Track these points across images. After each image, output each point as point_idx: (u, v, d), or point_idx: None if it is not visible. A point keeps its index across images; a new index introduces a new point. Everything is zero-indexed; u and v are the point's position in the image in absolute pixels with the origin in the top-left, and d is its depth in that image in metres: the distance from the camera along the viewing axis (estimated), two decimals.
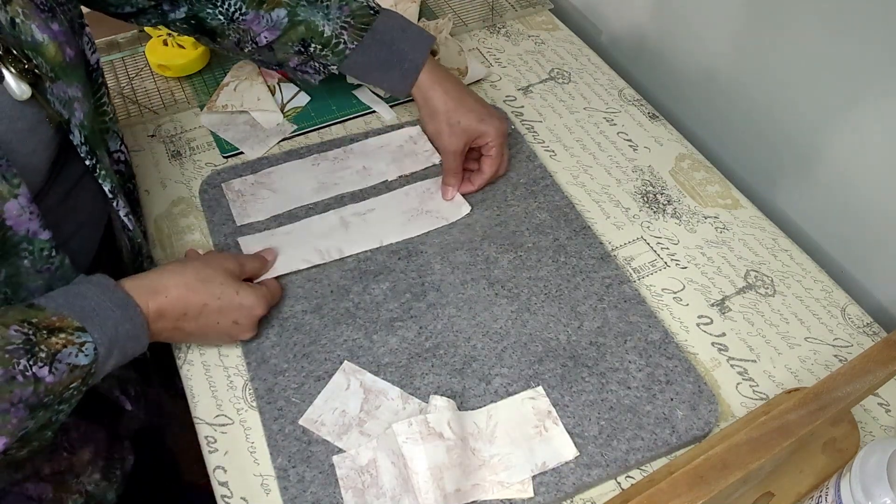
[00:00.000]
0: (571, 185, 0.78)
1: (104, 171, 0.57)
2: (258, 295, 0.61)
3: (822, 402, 0.48)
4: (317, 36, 0.70)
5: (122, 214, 0.60)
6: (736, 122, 0.83)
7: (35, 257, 0.52)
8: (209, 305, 0.57)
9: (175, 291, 0.55)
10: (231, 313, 0.59)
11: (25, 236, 0.50)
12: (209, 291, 0.57)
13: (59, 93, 0.52)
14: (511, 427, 0.58)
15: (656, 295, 0.69)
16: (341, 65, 0.73)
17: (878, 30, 0.62)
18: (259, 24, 0.70)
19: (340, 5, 0.71)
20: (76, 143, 0.54)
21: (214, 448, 0.58)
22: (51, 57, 0.51)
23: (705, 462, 0.45)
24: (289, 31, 0.70)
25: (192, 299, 0.56)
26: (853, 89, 0.67)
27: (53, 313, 0.49)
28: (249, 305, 0.60)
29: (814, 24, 0.68)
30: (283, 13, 0.70)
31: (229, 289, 0.58)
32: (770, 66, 0.75)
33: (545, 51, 0.95)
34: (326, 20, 0.70)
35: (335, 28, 0.70)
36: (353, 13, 0.71)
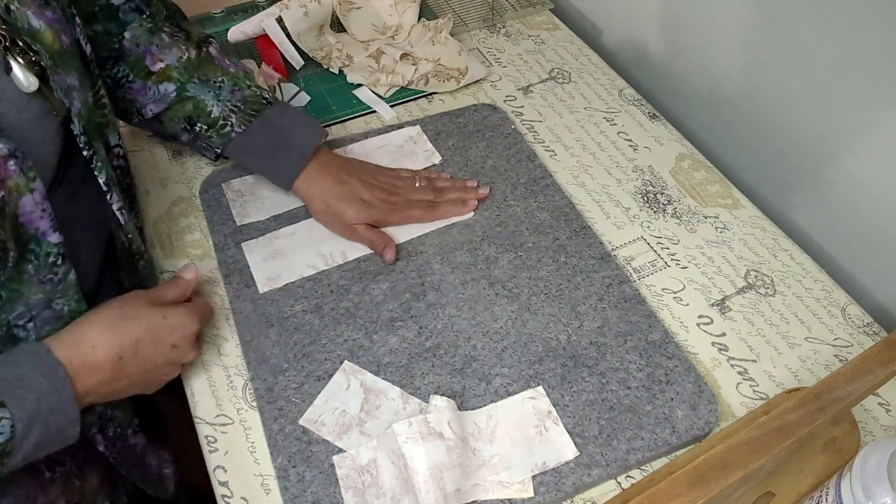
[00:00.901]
0: (571, 185, 0.78)
1: (100, 163, 0.56)
2: (187, 312, 0.58)
3: (823, 402, 0.48)
4: (203, 115, 0.69)
5: (114, 208, 0.59)
6: (736, 121, 0.82)
7: (40, 263, 0.50)
8: (142, 339, 0.54)
9: (101, 339, 0.52)
10: (165, 337, 0.56)
11: (35, 235, 0.49)
12: (136, 325, 0.54)
13: (60, 81, 0.51)
14: (511, 427, 0.58)
15: (656, 295, 0.69)
16: (225, 148, 0.71)
17: (869, 25, 0.62)
18: (145, 95, 0.68)
19: (233, 89, 0.69)
20: (76, 133, 0.53)
21: (214, 448, 0.58)
22: (49, 44, 0.50)
23: (705, 462, 0.45)
24: (175, 107, 0.69)
25: (122, 340, 0.53)
26: (853, 89, 0.67)
27: None
28: (181, 324, 0.57)
29: (812, 22, 0.68)
30: (171, 87, 0.68)
31: (156, 315, 0.56)
32: (771, 65, 0.75)
33: (545, 51, 0.95)
34: (216, 101, 0.69)
35: (223, 110, 0.69)
36: (245, 99, 0.69)
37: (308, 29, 0.91)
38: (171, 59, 0.68)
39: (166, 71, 0.68)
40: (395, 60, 0.89)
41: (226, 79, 0.70)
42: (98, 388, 0.52)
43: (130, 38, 0.67)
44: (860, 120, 0.67)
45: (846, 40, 0.66)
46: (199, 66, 0.69)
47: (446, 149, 0.81)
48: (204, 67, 0.69)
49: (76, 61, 0.54)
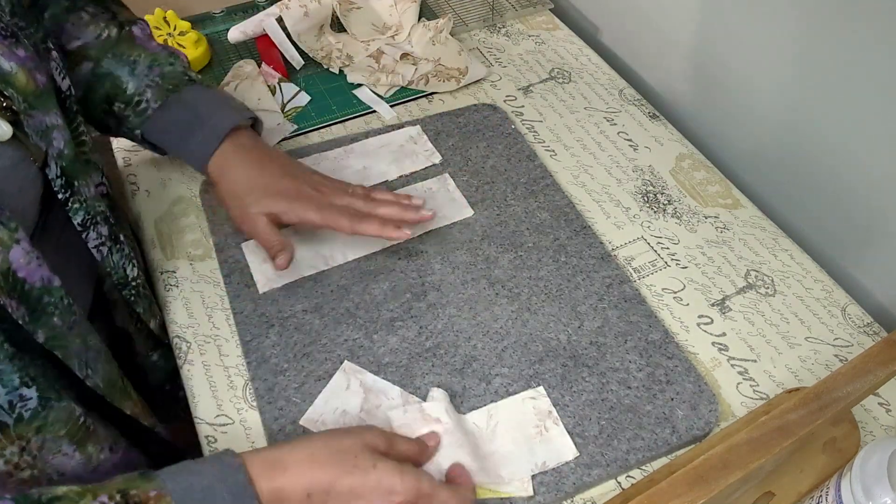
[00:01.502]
0: (572, 185, 0.78)
1: (77, 204, 0.53)
2: (404, 473, 0.47)
3: (823, 402, 0.48)
4: (120, 93, 0.64)
5: (91, 246, 0.55)
6: (736, 121, 0.82)
7: (61, 311, 0.47)
8: (338, 482, 0.46)
9: (297, 467, 0.46)
10: (365, 494, 0.46)
11: (43, 287, 0.46)
12: (339, 466, 0.46)
13: (35, 124, 0.48)
14: (511, 426, 0.58)
15: (656, 295, 0.69)
16: (143, 128, 0.65)
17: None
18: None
19: (151, 65, 0.65)
20: (51, 178, 0.50)
21: (215, 448, 0.58)
22: (22, 86, 0.47)
23: (705, 462, 0.45)
24: (94, 86, 0.64)
25: (316, 476, 0.46)
26: (850, 86, 0.67)
27: (156, 487, 0.42)
28: (389, 486, 0.47)
29: (808, 20, 0.68)
30: (88, 66, 0.64)
31: (365, 461, 0.47)
32: (770, 63, 0.75)
33: (545, 50, 0.95)
34: (131, 76, 0.64)
35: (139, 86, 0.64)
36: (164, 74, 0.65)
37: (308, 29, 0.91)
38: (88, 37, 0.64)
39: (82, 50, 0.63)
40: (395, 60, 0.89)
41: (143, 54, 0.65)
42: None
43: (49, 18, 0.63)
44: (860, 119, 0.67)
45: (832, 36, 0.66)
46: (118, 44, 0.65)
47: (446, 149, 0.81)
48: (122, 45, 0.65)
49: (54, 98, 0.52)
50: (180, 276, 0.70)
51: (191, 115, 0.64)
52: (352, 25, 0.93)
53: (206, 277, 0.69)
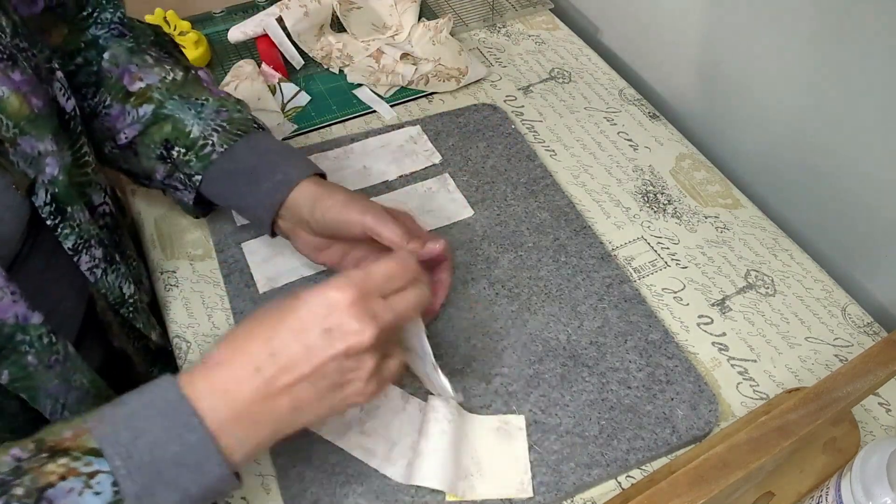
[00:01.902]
0: (572, 185, 0.78)
1: (67, 230, 0.50)
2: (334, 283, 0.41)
3: (823, 402, 0.48)
4: (182, 136, 0.60)
5: (84, 269, 0.53)
6: (736, 120, 0.82)
7: (38, 349, 0.44)
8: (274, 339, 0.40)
9: (225, 353, 0.40)
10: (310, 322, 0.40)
11: (17, 325, 0.43)
12: (264, 322, 0.41)
13: (24, 150, 0.46)
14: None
15: (656, 294, 0.69)
16: (205, 172, 0.61)
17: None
18: (122, 120, 0.61)
19: (218, 109, 0.62)
20: (38, 205, 0.48)
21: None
22: (14, 111, 0.45)
23: (706, 462, 0.45)
24: (151, 128, 0.61)
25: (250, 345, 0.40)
26: (852, 88, 0.67)
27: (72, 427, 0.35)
28: (324, 300, 0.40)
29: (810, 21, 0.68)
30: (149, 108, 0.61)
31: (284, 306, 0.41)
32: (769, 61, 0.75)
33: (545, 50, 0.95)
34: (197, 119, 0.61)
35: (205, 129, 0.60)
36: (232, 119, 0.61)
37: (308, 29, 0.91)
38: (152, 78, 0.61)
39: (146, 92, 0.61)
40: (395, 60, 0.89)
41: (211, 98, 0.63)
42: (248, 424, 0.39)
43: (109, 59, 0.61)
44: (860, 118, 0.67)
45: (832, 37, 0.66)
46: (184, 86, 0.62)
47: (446, 149, 0.81)
48: (188, 87, 0.62)
49: (52, 122, 0.49)
50: (180, 275, 0.70)
51: (258, 162, 0.59)
52: (352, 25, 0.93)
53: (206, 277, 0.69)
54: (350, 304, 0.40)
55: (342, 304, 0.40)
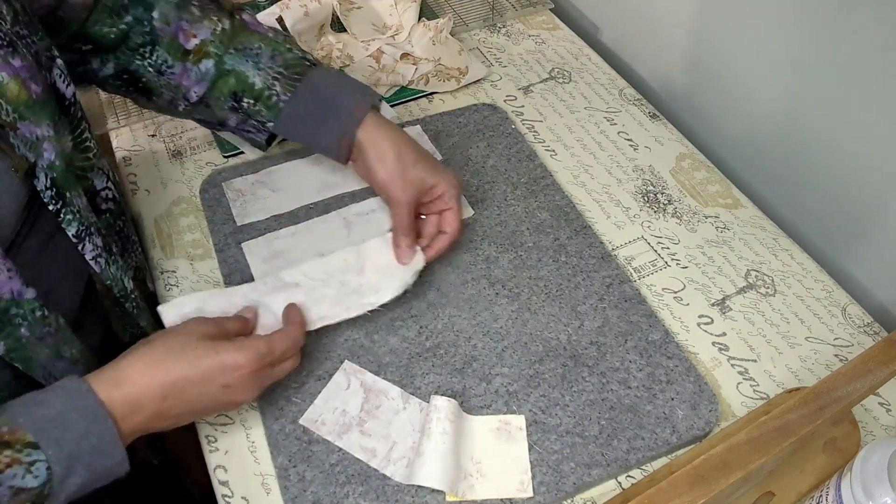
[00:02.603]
0: (572, 185, 0.78)
1: (70, 216, 0.52)
2: (241, 347, 0.52)
3: (823, 402, 0.48)
4: (248, 88, 0.64)
5: (88, 258, 0.55)
6: (736, 120, 0.82)
7: (30, 322, 0.47)
8: (187, 377, 0.50)
9: (141, 378, 0.48)
10: (216, 377, 0.51)
11: (12, 300, 0.46)
12: (183, 361, 0.50)
13: (24, 134, 0.48)
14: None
15: (657, 294, 0.69)
16: (277, 120, 0.65)
17: None
18: (188, 77, 0.64)
19: (273, 55, 0.65)
20: (40, 189, 0.50)
21: (215, 447, 0.58)
22: (13, 96, 0.47)
23: (706, 462, 0.45)
24: (217, 83, 0.64)
25: (164, 378, 0.49)
26: (853, 89, 0.67)
27: (5, 423, 0.43)
28: (233, 362, 0.51)
29: (811, 22, 0.68)
30: (210, 63, 0.64)
31: (204, 350, 0.51)
32: (769, 61, 0.75)
33: (545, 50, 0.95)
34: (257, 69, 0.64)
35: (266, 78, 0.64)
36: (287, 63, 0.65)
37: (308, 28, 0.91)
38: (204, 33, 0.64)
39: (202, 47, 0.64)
40: (395, 60, 0.89)
41: (263, 44, 0.65)
42: (143, 426, 0.49)
43: (159, 17, 0.63)
44: (860, 119, 0.67)
45: (833, 37, 0.66)
46: (235, 36, 0.65)
47: (447, 148, 0.81)
48: (240, 36, 0.65)
49: (50, 108, 0.51)
50: (180, 275, 0.70)
51: (323, 104, 0.65)
52: (352, 25, 0.93)
53: (206, 277, 0.69)
54: (249, 373, 0.52)
55: (244, 371, 0.52)
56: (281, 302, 0.60)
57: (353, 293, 0.62)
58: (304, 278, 0.63)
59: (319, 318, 0.61)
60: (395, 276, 0.63)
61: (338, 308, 0.62)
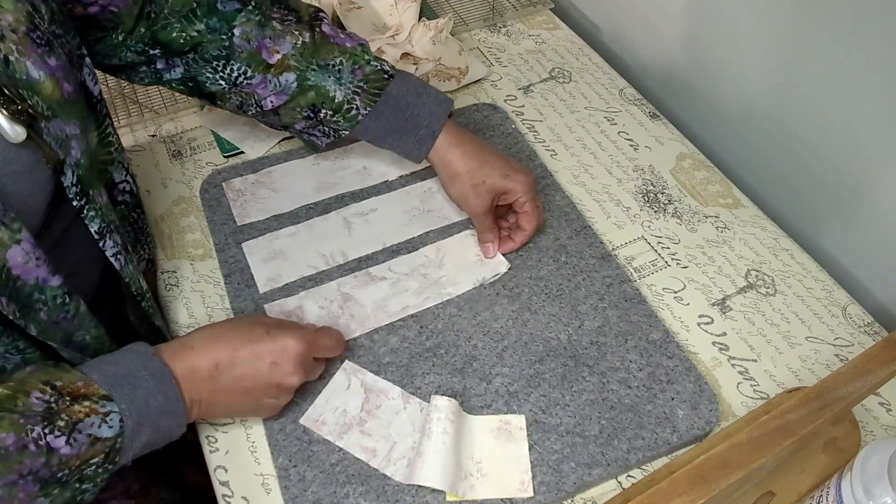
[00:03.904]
0: (572, 185, 0.78)
1: (93, 213, 0.54)
2: (294, 332, 0.56)
3: (823, 402, 0.48)
4: (328, 101, 0.67)
5: (109, 255, 0.56)
6: (736, 120, 0.82)
7: (50, 307, 0.49)
8: (240, 350, 0.53)
9: (201, 344, 0.53)
10: (266, 355, 0.54)
11: (36, 285, 0.47)
12: (238, 335, 0.54)
13: (55, 131, 0.50)
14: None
15: (657, 294, 0.69)
16: (353, 130, 0.69)
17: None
18: (266, 88, 0.66)
19: (353, 69, 0.67)
20: (66, 185, 0.51)
21: (215, 448, 0.58)
22: (48, 94, 0.49)
23: (706, 461, 0.45)
24: (297, 97, 0.67)
25: (220, 347, 0.53)
26: (854, 88, 0.67)
27: (79, 378, 0.46)
28: (283, 343, 0.55)
29: (811, 22, 0.68)
30: (292, 77, 0.66)
31: (259, 329, 0.55)
32: (769, 59, 0.75)
33: (546, 50, 0.95)
34: (338, 85, 0.66)
35: (347, 93, 0.67)
36: (367, 77, 0.67)
37: None
38: (286, 47, 0.65)
39: (284, 61, 0.65)
40: (395, 60, 0.89)
41: (344, 59, 0.67)
42: (201, 395, 0.52)
43: (240, 35, 0.64)
44: (861, 118, 0.67)
45: (833, 37, 0.66)
46: (317, 50, 0.66)
47: None
48: (321, 50, 0.66)
49: (79, 107, 0.53)
50: (181, 275, 0.70)
51: (402, 119, 0.68)
52: (352, 25, 0.93)
53: (207, 277, 0.69)
54: (296, 353, 0.55)
55: (291, 351, 0.55)
56: (370, 293, 0.66)
57: (433, 285, 0.67)
58: (390, 272, 0.68)
59: (402, 307, 0.65)
60: (472, 270, 0.69)
61: (419, 298, 0.66)
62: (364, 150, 0.80)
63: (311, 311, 0.65)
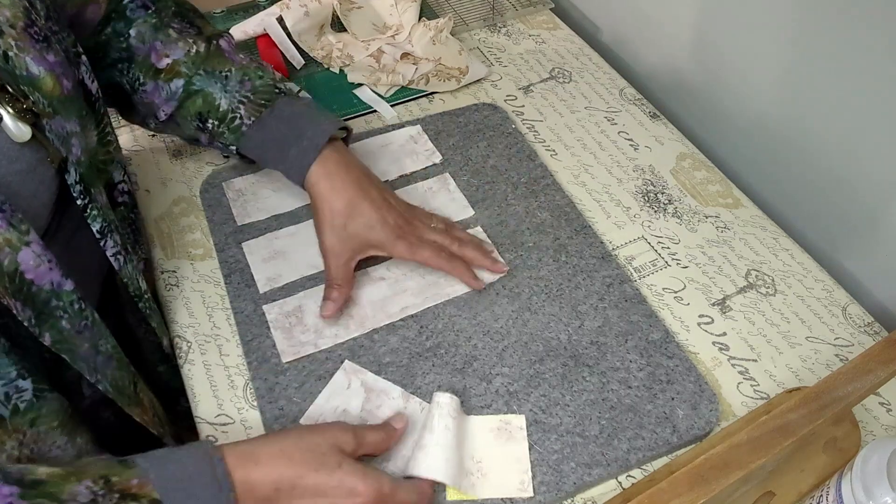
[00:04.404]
0: (572, 185, 0.78)
1: (95, 211, 0.53)
2: (367, 476, 0.49)
3: (823, 402, 0.48)
4: (213, 110, 0.65)
5: (109, 254, 0.55)
6: (736, 119, 0.82)
7: (70, 315, 0.48)
8: (304, 479, 0.48)
9: (268, 461, 0.48)
10: (329, 493, 0.48)
11: (52, 290, 0.46)
12: (307, 462, 0.48)
13: (57, 129, 0.49)
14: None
15: (657, 294, 0.69)
16: (239, 143, 0.66)
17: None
18: (158, 95, 0.65)
19: (242, 79, 0.65)
20: (70, 183, 0.51)
21: None
22: (48, 90, 0.48)
23: (706, 461, 0.45)
24: (185, 103, 0.65)
25: (285, 471, 0.48)
26: (853, 87, 0.67)
27: (137, 475, 0.43)
28: (351, 487, 0.49)
29: (811, 21, 0.68)
30: (180, 83, 0.65)
31: (331, 461, 0.49)
32: (769, 60, 0.75)
33: (546, 50, 0.95)
34: (224, 93, 0.65)
35: (232, 102, 0.65)
36: (255, 88, 0.65)
37: (308, 28, 0.91)
38: (177, 53, 0.65)
39: (174, 67, 0.64)
40: (395, 60, 0.89)
41: (234, 69, 0.66)
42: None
43: (136, 36, 0.64)
44: (860, 118, 0.67)
45: (833, 36, 0.66)
46: (207, 59, 0.65)
47: (447, 148, 0.81)
48: (212, 60, 0.66)
49: (78, 104, 0.52)
50: (181, 275, 0.70)
51: (285, 130, 0.65)
52: (352, 25, 0.93)
53: (207, 277, 0.69)
54: (362, 502, 0.49)
55: (356, 500, 0.49)
56: (370, 294, 0.66)
57: (432, 285, 0.67)
58: (389, 272, 0.68)
59: (402, 308, 0.65)
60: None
61: (418, 298, 0.66)
62: (364, 150, 0.80)
63: (311, 311, 0.65)
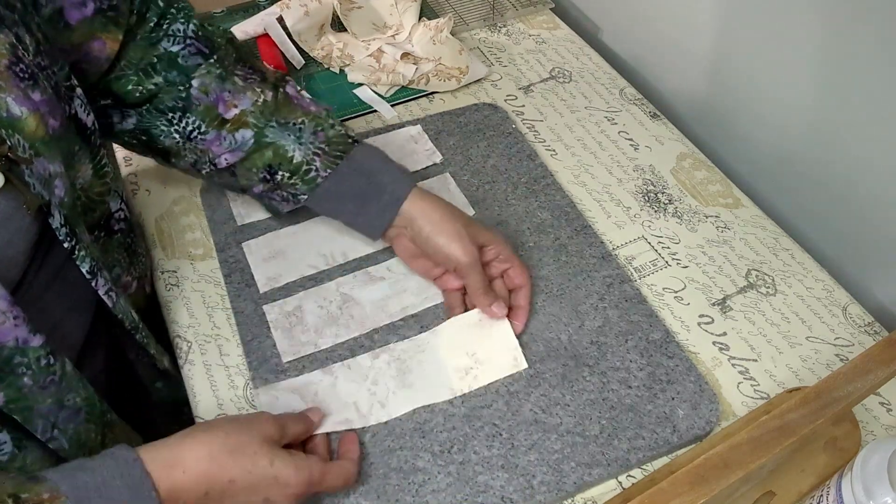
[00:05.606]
0: (572, 185, 0.78)
1: (83, 252, 0.51)
2: (298, 467, 0.49)
3: (824, 402, 0.48)
4: (285, 162, 0.63)
5: (101, 293, 0.53)
6: (737, 120, 0.82)
7: (35, 371, 0.46)
8: (236, 482, 0.47)
9: (195, 466, 0.46)
10: (262, 489, 0.48)
11: (17, 348, 0.44)
12: (238, 464, 0.47)
13: (39, 171, 0.46)
14: None
15: (657, 294, 0.69)
16: (312, 194, 0.64)
17: None
18: (220, 145, 0.63)
19: (315, 130, 0.63)
20: (55, 227, 0.48)
21: None
22: (30, 132, 0.46)
23: (706, 461, 0.45)
24: (253, 155, 0.63)
25: (215, 475, 0.46)
26: (852, 86, 0.67)
27: (48, 489, 0.41)
28: (285, 480, 0.49)
29: (811, 20, 0.68)
30: (248, 134, 0.62)
31: (262, 459, 0.48)
32: (771, 62, 0.75)
33: (546, 50, 0.95)
34: (298, 144, 0.63)
35: (307, 154, 0.63)
36: (329, 140, 0.64)
37: (309, 28, 0.91)
38: (245, 103, 0.62)
39: (241, 117, 0.62)
40: (395, 60, 0.89)
41: (307, 119, 0.64)
42: None
43: (199, 87, 0.62)
44: (859, 117, 0.67)
45: (833, 36, 0.66)
46: (278, 109, 0.63)
47: (447, 148, 0.81)
48: (283, 109, 0.64)
49: (67, 142, 0.50)
50: (181, 275, 0.70)
51: (365, 184, 0.63)
52: (352, 25, 0.93)
53: (207, 277, 0.69)
54: (293, 494, 0.49)
55: (289, 490, 0.49)
56: (370, 293, 0.66)
57: (432, 285, 0.67)
58: (389, 272, 0.68)
59: (402, 308, 0.65)
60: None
61: (418, 298, 0.66)
62: None
63: (310, 310, 0.65)
